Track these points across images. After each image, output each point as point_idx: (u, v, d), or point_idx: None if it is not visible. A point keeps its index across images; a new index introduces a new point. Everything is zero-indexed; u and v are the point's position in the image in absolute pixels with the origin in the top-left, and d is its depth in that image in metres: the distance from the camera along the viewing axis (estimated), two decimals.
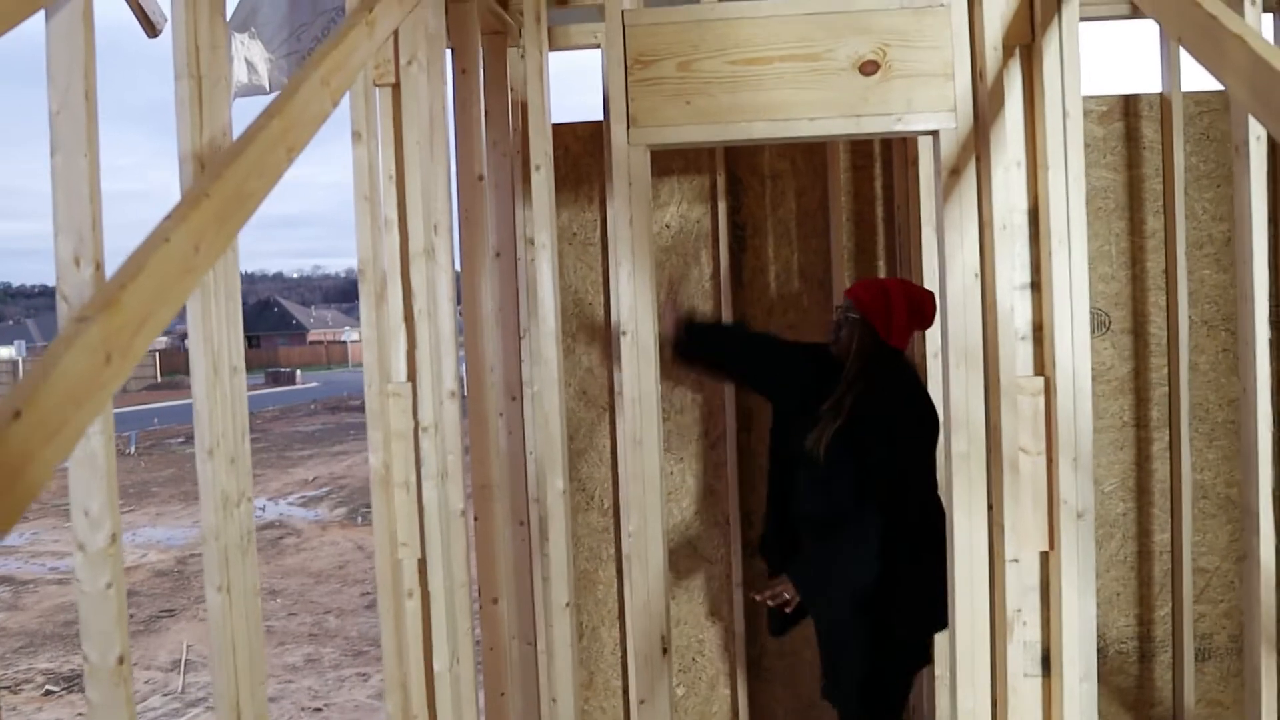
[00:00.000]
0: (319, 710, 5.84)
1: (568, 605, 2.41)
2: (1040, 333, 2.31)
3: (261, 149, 1.71)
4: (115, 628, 1.61)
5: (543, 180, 2.76)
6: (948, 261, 2.29)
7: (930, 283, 3.30)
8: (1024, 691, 2.29)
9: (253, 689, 2.27)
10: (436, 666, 2.46)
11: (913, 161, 3.40)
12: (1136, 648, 3.71)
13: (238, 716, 2.22)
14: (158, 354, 44.83)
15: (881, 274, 3.67)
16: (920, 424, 2.79)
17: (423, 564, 2.46)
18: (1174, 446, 3.62)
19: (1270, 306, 2.54)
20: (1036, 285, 2.31)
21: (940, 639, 3.33)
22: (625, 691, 3.80)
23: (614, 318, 3.68)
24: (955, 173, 2.34)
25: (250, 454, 2.42)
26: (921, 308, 2.86)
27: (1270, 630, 2.29)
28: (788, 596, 2.81)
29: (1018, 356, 2.29)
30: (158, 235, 1.45)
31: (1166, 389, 3.63)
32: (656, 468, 2.31)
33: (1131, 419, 3.66)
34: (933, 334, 3.32)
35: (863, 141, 3.64)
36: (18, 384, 1.12)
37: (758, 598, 2.89)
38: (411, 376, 2.41)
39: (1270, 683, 2.30)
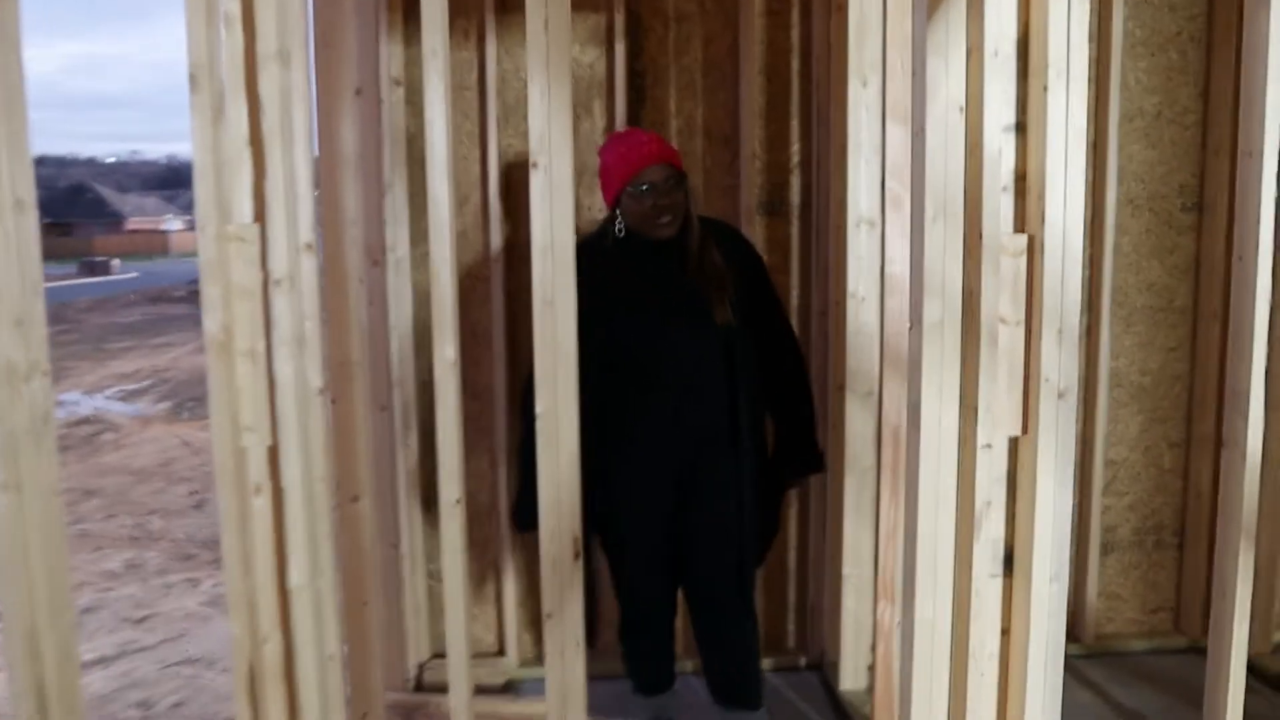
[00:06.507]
0: (143, 620, 5.26)
1: (458, 502, 1.98)
2: (1024, 183, 1.96)
3: None
4: None
5: None
6: (929, 95, 1.90)
7: (860, 143, 2.94)
8: (988, 595, 1.99)
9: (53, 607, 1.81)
10: (294, 579, 1.98)
11: (839, 8, 2.99)
12: None
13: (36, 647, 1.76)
14: None
15: (795, 133, 3.28)
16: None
17: (274, 452, 1.97)
18: (1092, 332, 3.41)
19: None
20: (1022, 127, 1.95)
21: (859, 538, 3.05)
22: (499, 598, 3.41)
23: (491, 171, 3.20)
24: None
25: (44, 315, 1.87)
26: (616, 150, 2.59)
27: (1251, 523, 2.05)
28: None
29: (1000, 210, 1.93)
30: None
31: (1089, 272, 3.39)
32: (572, 334, 1.87)
33: None
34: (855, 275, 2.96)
35: None
36: None
37: None
38: (259, 216, 1.88)
39: (1246, 577, 2.07)
